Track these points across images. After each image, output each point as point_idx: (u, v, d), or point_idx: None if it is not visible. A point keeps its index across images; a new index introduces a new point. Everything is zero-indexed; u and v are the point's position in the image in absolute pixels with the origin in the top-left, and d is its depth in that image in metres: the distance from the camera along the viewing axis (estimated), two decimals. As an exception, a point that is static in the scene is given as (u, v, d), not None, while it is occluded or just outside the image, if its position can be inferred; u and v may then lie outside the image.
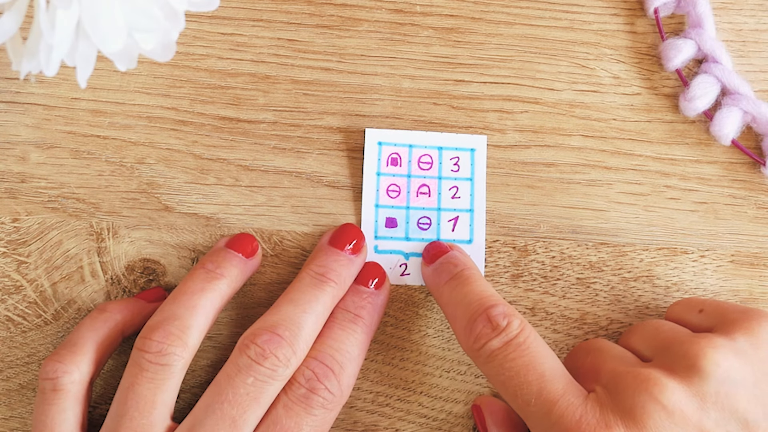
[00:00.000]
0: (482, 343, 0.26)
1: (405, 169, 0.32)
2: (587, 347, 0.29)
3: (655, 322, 0.29)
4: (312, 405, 0.27)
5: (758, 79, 0.34)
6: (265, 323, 0.27)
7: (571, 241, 0.32)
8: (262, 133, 0.32)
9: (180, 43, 0.32)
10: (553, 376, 0.25)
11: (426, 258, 0.31)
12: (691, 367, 0.24)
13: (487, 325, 0.26)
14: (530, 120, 0.33)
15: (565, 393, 0.25)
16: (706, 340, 0.25)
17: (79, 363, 0.28)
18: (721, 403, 0.24)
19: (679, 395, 0.24)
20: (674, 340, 0.26)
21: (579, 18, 0.34)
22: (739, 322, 0.26)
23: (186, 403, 0.30)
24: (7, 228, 0.31)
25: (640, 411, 0.24)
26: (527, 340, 0.26)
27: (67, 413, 0.27)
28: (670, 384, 0.24)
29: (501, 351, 0.26)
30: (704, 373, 0.24)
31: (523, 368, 0.25)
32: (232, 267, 0.29)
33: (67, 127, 0.31)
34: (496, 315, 0.26)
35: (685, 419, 0.23)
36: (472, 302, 0.27)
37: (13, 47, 0.25)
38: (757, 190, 0.33)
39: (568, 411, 0.24)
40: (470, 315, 0.27)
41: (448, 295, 0.29)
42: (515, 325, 0.26)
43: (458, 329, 0.28)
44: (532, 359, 0.25)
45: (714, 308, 0.28)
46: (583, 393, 0.25)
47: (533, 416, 0.25)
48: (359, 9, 0.33)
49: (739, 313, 0.27)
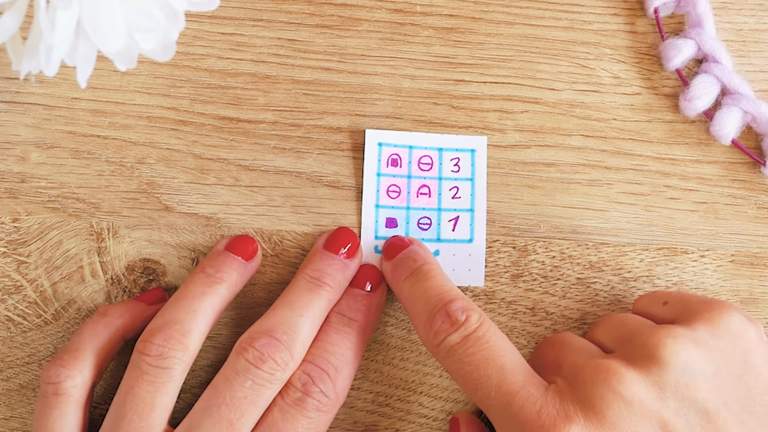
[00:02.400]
0: (441, 338, 0.26)
1: (405, 169, 0.32)
2: (552, 341, 0.29)
3: (620, 315, 0.29)
4: (307, 408, 0.27)
5: (758, 79, 0.34)
6: (263, 327, 0.27)
7: (571, 241, 0.32)
8: (262, 133, 0.32)
9: (180, 43, 0.32)
10: (512, 369, 0.25)
11: (386, 254, 0.31)
12: (650, 357, 0.24)
13: (446, 321, 0.26)
14: (530, 120, 0.33)
15: (525, 385, 0.25)
16: (665, 330, 0.25)
17: (82, 368, 0.28)
18: (681, 393, 0.24)
19: (637, 385, 0.24)
20: (636, 331, 0.26)
21: (579, 18, 0.34)
22: (700, 313, 0.26)
23: (186, 404, 0.30)
24: (7, 228, 0.31)
25: (599, 401, 0.24)
26: (486, 334, 0.26)
27: (69, 417, 0.27)
28: (629, 374, 0.24)
29: (460, 345, 0.26)
30: (663, 362, 0.24)
31: (483, 362, 0.25)
32: (232, 271, 0.29)
33: (67, 127, 0.31)
34: (455, 310, 0.26)
35: (644, 409, 0.23)
36: (432, 297, 0.27)
37: (13, 47, 0.25)
38: (757, 190, 0.33)
39: (528, 402, 0.24)
40: (429, 310, 0.27)
41: (408, 290, 0.29)
42: (474, 320, 0.26)
43: (418, 325, 0.28)
44: (491, 353, 0.25)
45: (678, 300, 0.28)
46: (543, 385, 0.25)
47: (494, 409, 0.25)
48: (359, 9, 0.33)
49: (701, 303, 0.27)
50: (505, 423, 0.25)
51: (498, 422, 0.25)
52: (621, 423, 0.23)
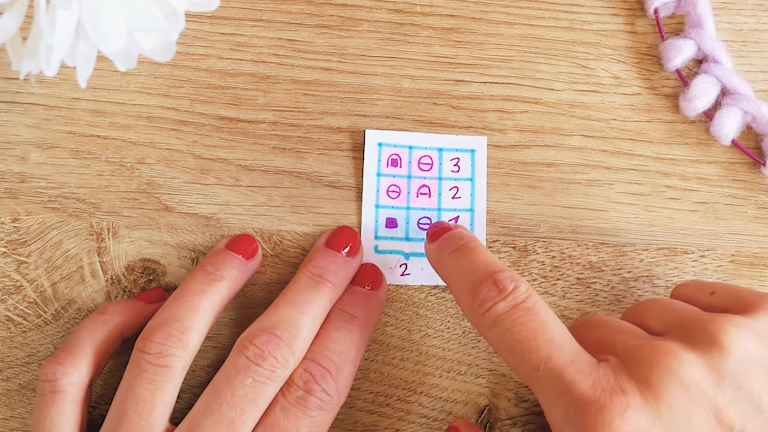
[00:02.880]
0: (488, 306, 0.25)
1: (405, 170, 0.32)
2: (591, 321, 0.28)
3: (665, 300, 0.28)
4: (309, 407, 0.27)
5: (758, 79, 0.34)
6: (263, 324, 0.27)
7: (571, 241, 0.32)
8: (262, 133, 0.32)
9: (180, 43, 0.32)
10: (563, 342, 0.24)
11: (430, 236, 0.30)
12: (712, 342, 0.24)
13: (493, 288, 0.25)
14: (530, 120, 0.33)
15: (576, 359, 0.24)
16: (727, 317, 0.25)
17: (79, 365, 0.28)
18: (738, 382, 0.23)
19: (696, 369, 0.23)
20: (690, 316, 0.26)
21: (579, 18, 0.34)
22: (759, 304, 0.26)
23: (186, 404, 0.30)
24: (7, 228, 0.31)
25: (656, 381, 0.23)
26: (536, 305, 0.25)
27: (66, 415, 0.27)
28: (689, 357, 0.23)
29: (509, 314, 0.25)
30: (725, 349, 0.24)
31: (532, 333, 0.24)
32: (232, 269, 0.29)
33: (67, 127, 0.31)
34: (503, 278, 0.25)
35: (701, 394, 0.23)
36: (478, 269, 0.26)
37: (13, 47, 0.25)
38: (757, 190, 0.33)
39: (580, 376, 0.23)
40: (475, 280, 0.26)
41: (453, 265, 0.28)
42: (522, 289, 0.25)
43: (462, 296, 0.26)
44: (541, 324, 0.24)
45: (727, 290, 0.28)
46: (593, 360, 0.24)
47: (542, 381, 0.24)
48: (359, 9, 0.33)
49: (756, 295, 0.26)
50: (553, 397, 0.24)
51: (545, 396, 0.24)
52: (676, 406, 0.23)
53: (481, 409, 0.31)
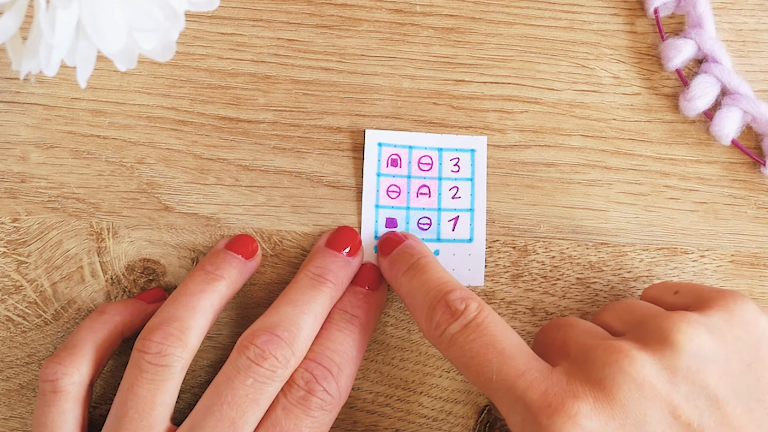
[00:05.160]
0: (443, 329, 0.26)
1: (405, 170, 0.32)
2: (557, 323, 0.28)
3: (629, 300, 0.29)
4: (310, 407, 0.27)
5: (758, 79, 0.34)
6: (264, 324, 0.27)
7: (571, 241, 0.32)
8: (262, 133, 0.32)
9: (180, 43, 0.32)
10: (513, 353, 0.25)
11: (381, 250, 0.31)
12: (664, 341, 0.24)
13: (447, 311, 0.26)
14: (530, 120, 0.33)
15: (528, 367, 0.25)
16: (679, 315, 0.25)
17: (79, 365, 0.28)
18: (692, 378, 0.24)
19: (649, 368, 0.24)
20: (648, 315, 0.26)
21: (579, 18, 0.34)
22: (714, 300, 0.26)
23: (186, 404, 0.30)
24: (7, 228, 0.31)
25: (609, 382, 0.23)
26: (485, 321, 0.26)
27: (67, 415, 0.27)
28: (641, 356, 0.24)
29: (461, 334, 0.26)
30: (676, 346, 0.24)
31: (483, 348, 0.25)
32: (232, 268, 0.29)
33: (67, 127, 0.31)
34: (454, 300, 0.26)
35: (655, 392, 0.23)
36: (430, 290, 0.27)
37: (13, 47, 0.25)
38: (757, 190, 0.33)
39: (533, 384, 0.24)
40: (429, 303, 0.27)
41: (407, 285, 0.29)
42: (473, 308, 0.26)
43: (419, 319, 0.28)
44: (491, 338, 0.25)
45: (690, 289, 0.28)
46: (547, 367, 0.25)
47: (497, 393, 0.25)
48: (359, 9, 0.33)
49: (714, 292, 0.27)
50: (510, 407, 0.24)
51: (503, 407, 0.25)
52: (630, 405, 0.23)
53: (481, 409, 0.32)
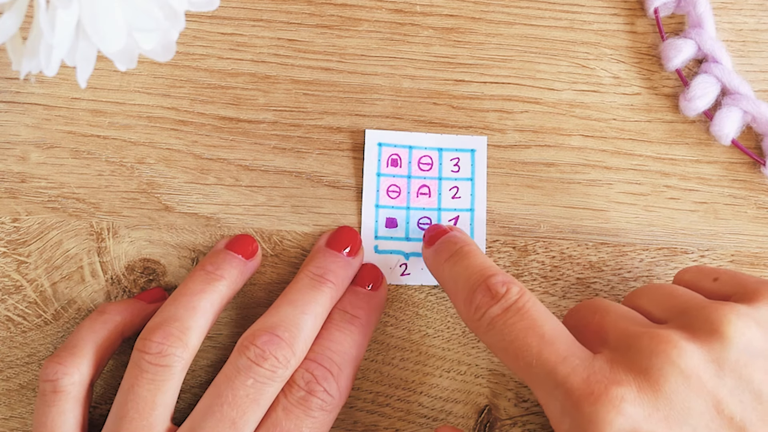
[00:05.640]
0: (482, 312, 0.26)
1: (405, 170, 0.32)
2: (592, 306, 0.27)
3: (666, 285, 0.28)
4: (311, 407, 0.27)
5: (758, 79, 0.34)
6: (264, 324, 0.27)
7: (571, 241, 0.32)
8: (262, 133, 0.32)
9: (180, 43, 0.32)
10: (553, 337, 0.24)
11: (426, 240, 0.30)
12: (714, 332, 0.23)
13: (487, 294, 0.26)
14: (530, 120, 0.33)
15: (569, 353, 0.24)
16: (729, 306, 0.24)
17: (79, 365, 0.28)
18: (739, 372, 0.23)
19: (697, 359, 0.23)
20: (692, 304, 0.25)
21: (579, 18, 0.34)
22: (761, 293, 0.25)
23: (186, 404, 0.30)
24: (7, 228, 0.31)
25: (656, 372, 0.23)
26: (526, 305, 0.25)
27: (67, 415, 0.27)
28: (690, 347, 0.23)
29: (500, 318, 0.25)
30: (727, 339, 0.23)
31: (522, 332, 0.25)
32: (232, 268, 0.29)
33: (67, 127, 0.31)
34: (495, 283, 0.26)
35: (701, 384, 0.23)
36: (472, 275, 0.27)
37: (13, 47, 0.25)
38: (757, 190, 0.33)
39: (574, 370, 0.23)
40: (470, 287, 0.26)
41: (449, 271, 0.28)
42: (514, 291, 0.26)
43: (459, 303, 0.27)
44: (531, 322, 0.25)
45: (731, 277, 0.27)
46: (589, 353, 0.24)
47: (536, 379, 0.24)
48: (359, 9, 0.33)
49: (759, 283, 0.26)
50: (549, 393, 0.24)
51: (542, 393, 0.24)
52: (676, 397, 0.22)
53: (481, 409, 0.32)
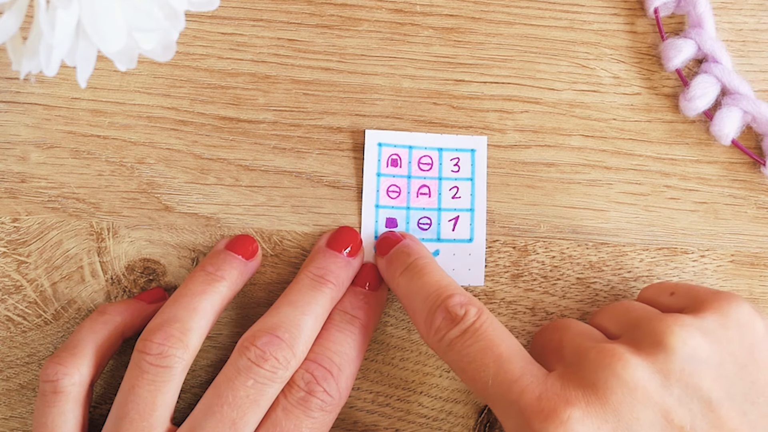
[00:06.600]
0: (442, 334, 0.27)
1: (405, 170, 0.32)
2: (554, 325, 0.29)
3: (625, 302, 0.29)
4: (311, 408, 0.27)
5: (758, 79, 0.34)
6: (265, 325, 0.27)
7: (571, 241, 0.32)
8: (262, 133, 0.32)
9: (180, 43, 0.32)
10: (510, 357, 0.25)
11: (379, 249, 0.31)
12: (657, 344, 0.24)
13: (447, 317, 0.27)
14: (530, 120, 0.33)
15: (524, 372, 0.25)
16: (673, 318, 0.25)
17: (80, 365, 0.28)
18: (685, 381, 0.24)
19: (642, 371, 0.24)
20: (642, 317, 0.26)
21: (579, 18, 0.34)
22: (709, 303, 0.26)
23: (186, 404, 0.30)
24: (7, 228, 0.31)
25: (602, 386, 0.23)
26: (483, 325, 0.26)
27: (68, 415, 0.27)
28: (634, 360, 0.24)
29: (459, 340, 0.26)
30: (670, 349, 0.24)
31: (480, 352, 0.25)
32: (232, 269, 0.29)
33: (67, 127, 0.31)
34: (454, 306, 0.27)
35: (647, 396, 0.23)
36: (430, 294, 0.27)
37: (13, 47, 0.25)
38: (757, 190, 0.33)
39: (528, 389, 0.24)
40: (429, 308, 0.27)
41: (405, 287, 0.29)
42: (472, 313, 0.26)
43: (418, 322, 0.28)
44: (488, 343, 0.26)
45: (685, 290, 0.28)
46: (543, 372, 0.25)
47: (493, 397, 0.25)
48: (359, 9, 0.33)
49: (709, 294, 0.27)
50: (505, 411, 0.25)
51: (499, 411, 0.25)
52: (623, 409, 0.23)
53: (481, 409, 0.32)
